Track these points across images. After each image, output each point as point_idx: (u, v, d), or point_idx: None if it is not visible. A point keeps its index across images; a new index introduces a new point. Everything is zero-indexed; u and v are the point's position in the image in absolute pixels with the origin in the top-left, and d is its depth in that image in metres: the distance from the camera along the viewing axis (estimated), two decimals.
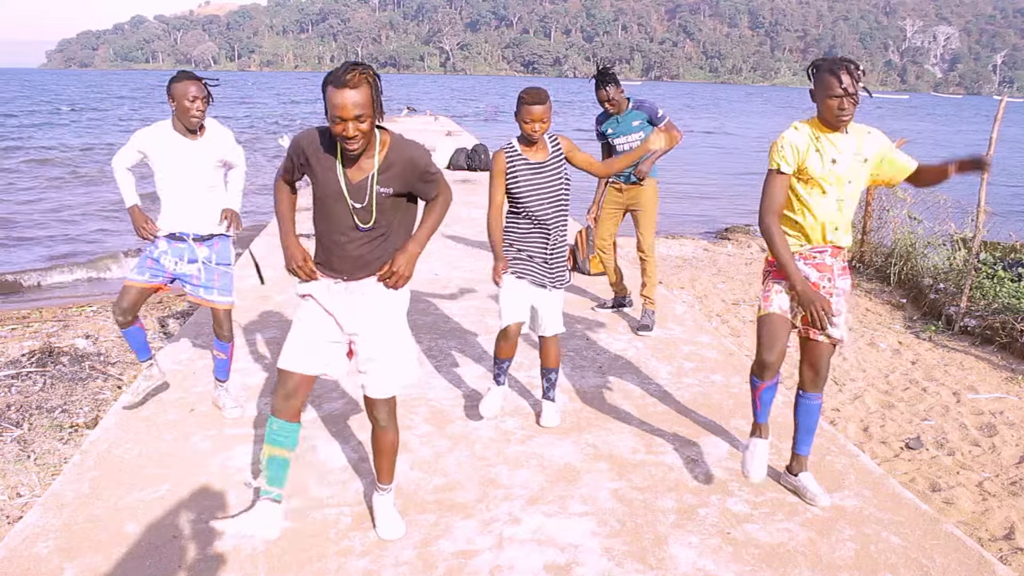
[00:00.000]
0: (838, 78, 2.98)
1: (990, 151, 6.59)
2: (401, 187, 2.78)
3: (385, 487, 3.16)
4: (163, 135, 3.80)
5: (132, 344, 4.11)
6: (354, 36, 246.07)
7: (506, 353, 3.97)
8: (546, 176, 3.78)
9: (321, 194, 2.77)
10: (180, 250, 3.94)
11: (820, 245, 3.24)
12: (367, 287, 2.87)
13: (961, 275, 7.22)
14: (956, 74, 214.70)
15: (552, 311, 3.93)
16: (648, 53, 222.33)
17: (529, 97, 3.61)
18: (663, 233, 12.15)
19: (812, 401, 3.40)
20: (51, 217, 13.63)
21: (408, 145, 2.80)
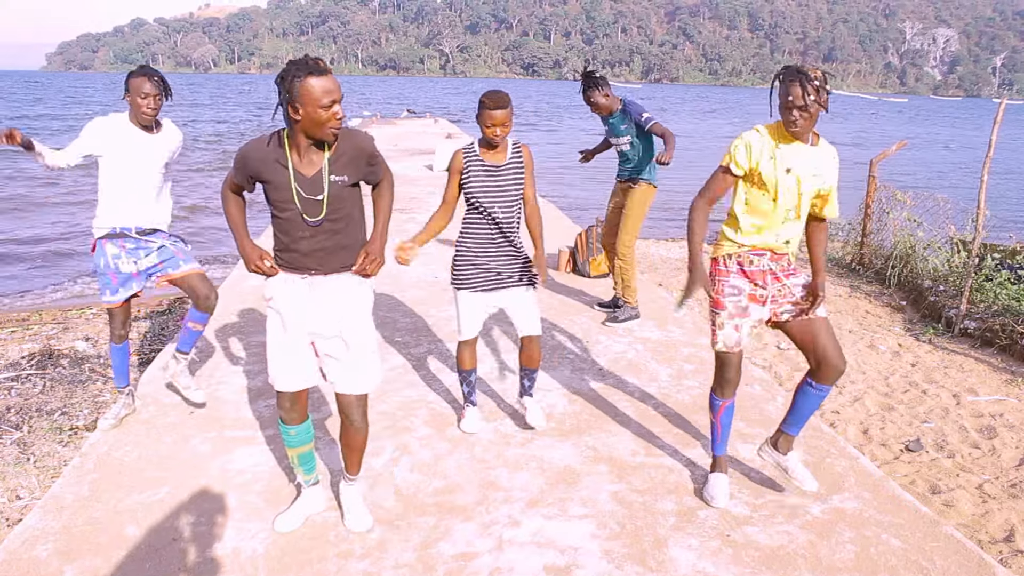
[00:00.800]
0: (787, 90, 2.97)
1: (990, 152, 6.60)
2: (354, 174, 2.85)
3: (353, 478, 3.22)
4: (120, 126, 3.77)
5: (116, 365, 4.10)
6: (354, 39, 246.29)
7: (469, 364, 4.05)
8: (501, 179, 3.77)
9: (275, 197, 2.81)
10: (132, 250, 3.90)
11: (760, 248, 3.23)
12: (331, 282, 2.91)
13: (961, 277, 7.22)
14: (955, 76, 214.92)
15: (527, 309, 3.90)
16: (648, 55, 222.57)
17: (490, 102, 3.61)
18: (663, 236, 12.16)
19: (820, 392, 3.30)
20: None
21: (353, 134, 2.87)
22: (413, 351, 5.29)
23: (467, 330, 3.95)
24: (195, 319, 4.10)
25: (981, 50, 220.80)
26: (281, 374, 2.97)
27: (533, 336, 3.95)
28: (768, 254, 3.24)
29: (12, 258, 10.78)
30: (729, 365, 3.36)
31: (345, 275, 2.94)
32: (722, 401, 3.42)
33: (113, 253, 3.88)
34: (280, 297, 2.92)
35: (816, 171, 3.11)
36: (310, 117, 2.63)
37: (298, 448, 3.10)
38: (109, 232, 3.86)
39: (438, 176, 14.61)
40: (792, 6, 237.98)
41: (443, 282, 7.08)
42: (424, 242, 3.72)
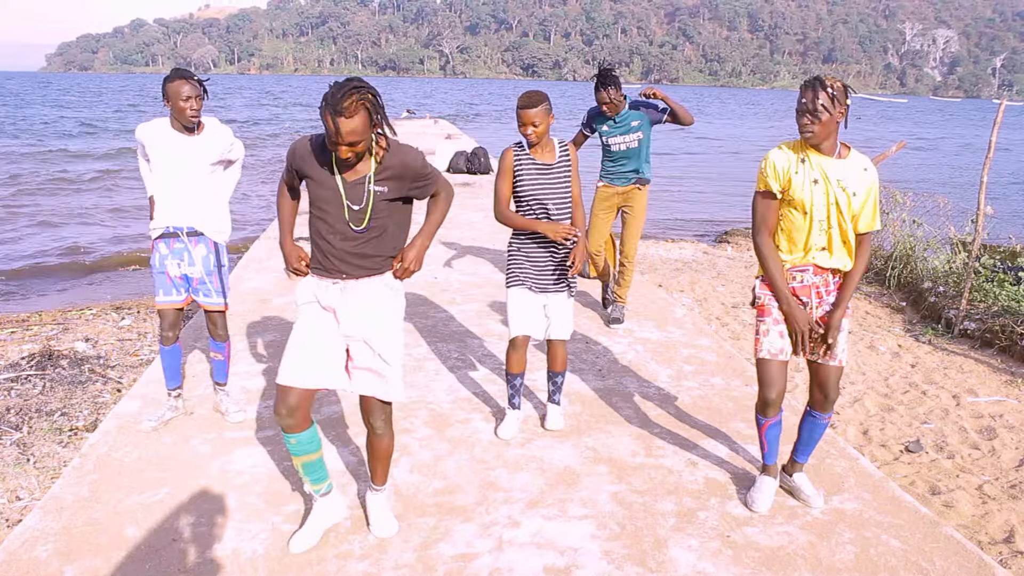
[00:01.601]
0: (801, 95, 3.02)
1: (989, 153, 6.60)
2: (396, 190, 2.83)
3: (379, 488, 3.19)
4: (162, 131, 3.81)
5: (167, 366, 4.07)
6: (354, 39, 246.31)
7: (517, 367, 3.97)
8: (553, 177, 3.81)
9: (316, 197, 2.82)
10: (179, 251, 3.93)
11: (801, 264, 3.23)
12: (363, 287, 2.90)
13: (961, 278, 7.22)
14: (955, 77, 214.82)
15: (562, 314, 3.95)
16: (647, 56, 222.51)
17: (521, 101, 3.66)
18: (663, 236, 12.17)
19: (818, 420, 3.40)
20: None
21: (403, 150, 2.84)
22: (413, 352, 5.29)
23: (517, 326, 3.88)
24: (214, 348, 4.14)
25: (981, 51, 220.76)
26: (290, 369, 2.86)
27: (563, 340, 4.01)
28: (811, 268, 3.23)
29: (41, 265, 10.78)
30: (772, 379, 3.27)
31: (376, 280, 2.91)
32: (765, 420, 3.39)
33: (163, 253, 3.92)
34: (313, 301, 2.92)
35: (844, 182, 3.10)
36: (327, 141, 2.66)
37: (303, 457, 2.96)
38: (163, 232, 3.90)
39: None
40: (792, 7, 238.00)
41: (442, 282, 7.09)
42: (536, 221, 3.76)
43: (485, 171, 14.70)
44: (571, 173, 3.87)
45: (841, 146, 3.14)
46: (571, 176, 3.87)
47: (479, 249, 8.51)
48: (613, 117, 5.60)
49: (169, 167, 3.82)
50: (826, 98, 2.96)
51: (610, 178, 5.83)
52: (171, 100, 3.71)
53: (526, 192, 3.80)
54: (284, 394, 2.85)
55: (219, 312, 4.08)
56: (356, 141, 2.59)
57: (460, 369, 5.00)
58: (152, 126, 3.84)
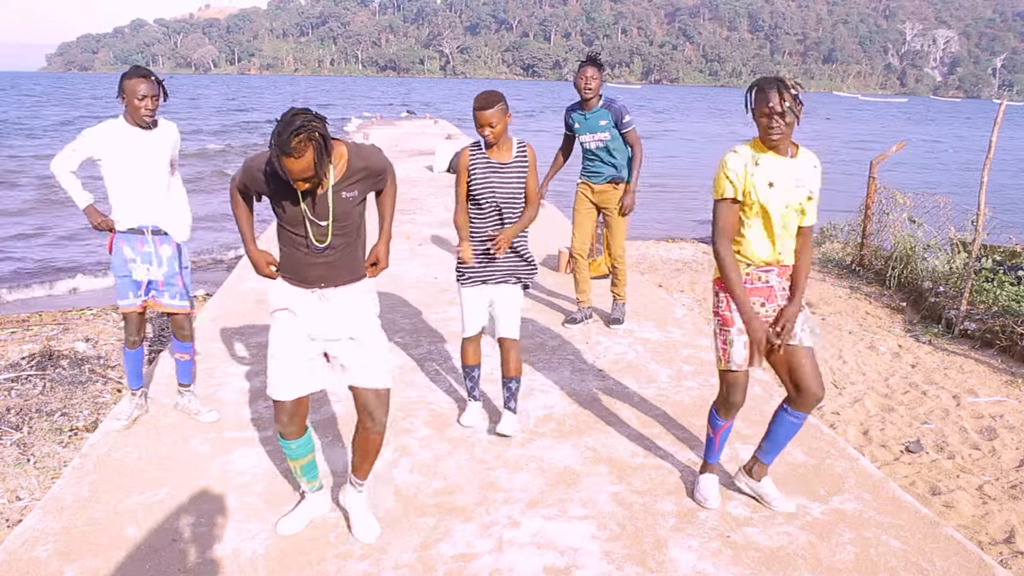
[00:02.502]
0: (767, 97, 2.95)
1: (990, 154, 6.60)
2: (363, 190, 2.87)
3: (361, 484, 3.17)
4: (116, 130, 3.77)
5: (130, 368, 4.09)
6: (354, 39, 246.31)
7: (472, 359, 4.09)
8: (507, 176, 3.83)
9: (282, 214, 2.81)
10: (146, 254, 3.89)
11: (765, 265, 3.20)
12: (341, 294, 2.93)
13: (961, 278, 7.22)
14: (955, 77, 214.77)
15: (509, 309, 3.93)
16: (648, 56, 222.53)
17: (476, 103, 3.67)
18: (663, 236, 12.16)
19: (795, 419, 3.28)
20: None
21: (363, 152, 2.87)
22: (413, 352, 5.29)
23: (469, 326, 4.01)
24: (178, 349, 4.13)
25: (981, 51, 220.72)
26: (279, 384, 2.95)
27: (510, 339, 3.96)
28: (775, 268, 3.21)
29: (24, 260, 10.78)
30: (737, 386, 3.27)
31: (354, 285, 2.96)
32: (723, 422, 3.38)
33: (129, 257, 3.89)
34: (289, 308, 2.93)
35: (799, 182, 3.09)
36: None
37: (300, 460, 3.09)
38: (127, 230, 3.87)
39: (438, 177, 14.61)
40: (792, 7, 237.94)
41: (442, 283, 7.08)
42: (466, 236, 3.89)
43: None
44: (527, 172, 3.87)
45: (792, 146, 3.12)
46: (526, 175, 3.87)
47: None
48: (584, 112, 5.57)
49: (128, 165, 3.78)
50: (790, 98, 2.94)
51: (586, 175, 5.79)
52: (127, 97, 3.69)
53: (478, 190, 3.83)
54: (280, 407, 2.98)
55: (186, 314, 4.07)
56: (309, 176, 2.59)
57: (460, 370, 5.00)
58: (103, 129, 3.77)
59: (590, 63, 5.51)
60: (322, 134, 2.56)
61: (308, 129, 2.50)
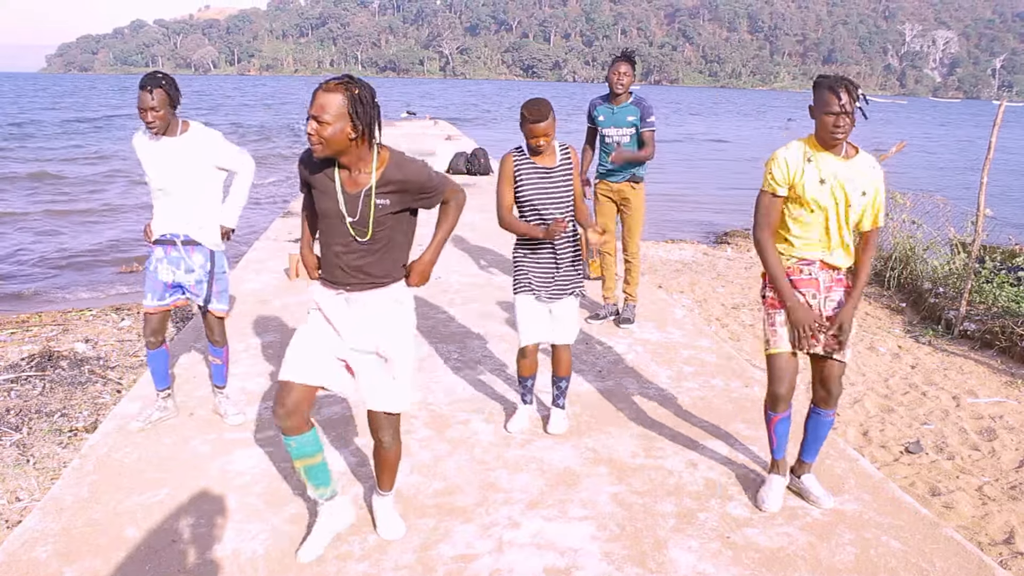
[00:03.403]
0: (836, 95, 2.98)
1: (989, 154, 6.60)
2: (399, 203, 2.81)
3: (385, 493, 3.17)
4: (142, 138, 3.81)
5: (154, 369, 4.06)
6: (354, 40, 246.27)
7: (528, 371, 4.04)
8: (554, 181, 3.80)
9: (319, 207, 2.81)
10: (175, 259, 3.89)
11: (808, 259, 3.25)
12: (368, 299, 2.87)
13: (961, 279, 7.22)
14: (955, 78, 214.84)
15: (568, 320, 3.94)
16: (647, 57, 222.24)
17: (531, 115, 3.58)
18: (663, 237, 12.16)
19: (822, 417, 3.41)
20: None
21: (405, 164, 2.81)
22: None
23: (526, 335, 3.92)
24: (211, 353, 4.13)
25: (981, 52, 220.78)
26: (292, 366, 2.83)
27: (568, 345, 4.00)
28: (817, 263, 3.26)
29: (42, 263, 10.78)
30: (782, 374, 3.27)
31: (381, 292, 2.89)
32: (775, 414, 3.38)
33: (157, 257, 3.90)
34: (320, 307, 2.93)
35: (852, 181, 3.12)
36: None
37: (303, 460, 2.89)
38: (159, 238, 3.89)
39: None
40: (792, 8, 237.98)
41: (443, 283, 7.09)
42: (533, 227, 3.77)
43: (485, 172, 14.70)
44: (572, 175, 3.86)
45: (848, 146, 3.15)
46: (572, 179, 3.86)
47: (479, 250, 8.51)
48: (612, 106, 5.60)
49: (150, 173, 3.79)
50: (854, 98, 2.98)
51: (605, 174, 5.82)
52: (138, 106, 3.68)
53: (526, 197, 3.78)
54: (283, 392, 2.80)
55: (217, 318, 4.06)
56: (323, 118, 2.56)
57: (460, 370, 5.00)
58: (135, 137, 3.85)
59: (624, 59, 5.53)
60: (360, 94, 2.60)
61: (351, 82, 2.60)
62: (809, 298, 3.28)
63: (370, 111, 2.64)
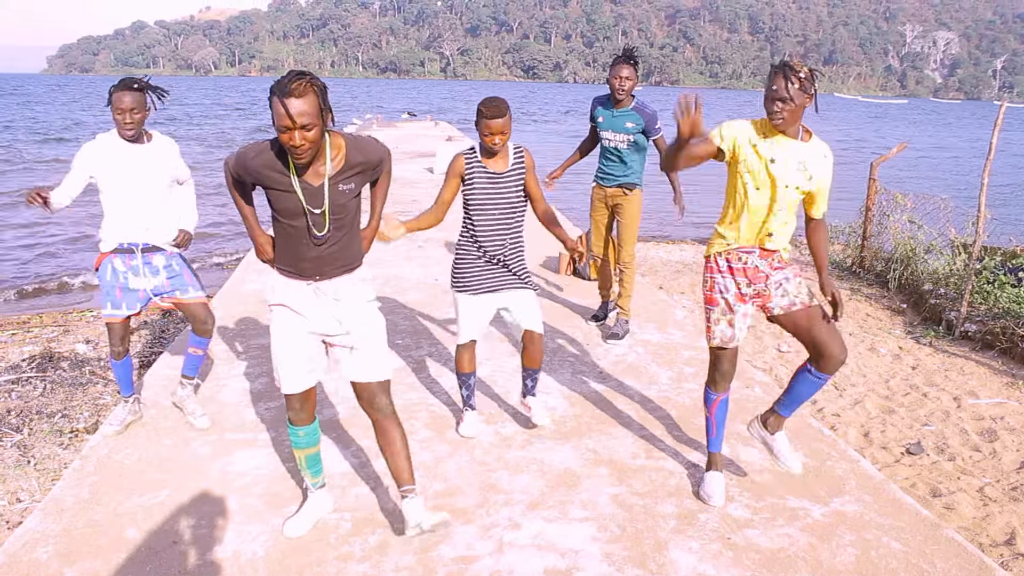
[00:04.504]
0: (772, 82, 3.03)
1: (990, 155, 6.60)
2: (360, 183, 2.86)
3: (411, 489, 3.04)
4: (108, 145, 3.70)
5: (120, 377, 4.04)
6: (354, 41, 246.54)
7: (468, 367, 4.02)
8: (503, 187, 3.75)
9: (279, 206, 2.78)
10: (136, 267, 3.83)
11: (748, 245, 3.27)
12: (337, 286, 2.92)
13: (961, 280, 7.22)
14: (956, 79, 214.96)
15: (528, 306, 3.87)
16: (648, 58, 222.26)
17: (488, 111, 3.56)
18: (663, 238, 12.16)
19: (818, 379, 3.31)
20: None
21: (361, 143, 2.84)
22: (413, 354, 5.29)
23: (466, 333, 3.94)
24: (194, 343, 4.08)
25: (981, 53, 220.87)
26: (288, 377, 2.97)
27: (535, 332, 3.91)
28: (757, 251, 3.27)
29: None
30: (723, 359, 3.41)
31: (348, 276, 2.95)
32: (716, 395, 3.47)
33: (121, 269, 3.82)
34: (286, 301, 2.93)
35: (803, 166, 3.14)
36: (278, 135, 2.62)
37: (306, 449, 3.10)
38: (116, 248, 3.80)
39: (438, 179, 14.62)
40: (792, 9, 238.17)
41: (443, 284, 7.08)
42: (411, 230, 3.68)
43: None
44: (524, 180, 3.80)
45: (803, 130, 3.18)
46: (523, 183, 3.80)
47: None
48: (613, 109, 5.45)
49: (119, 179, 3.70)
50: (797, 81, 2.98)
51: (600, 178, 5.69)
52: (112, 109, 3.62)
53: (475, 201, 3.74)
54: (290, 400, 3.02)
55: (202, 304, 4.00)
56: (308, 124, 2.53)
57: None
58: (96, 144, 3.71)
59: (625, 61, 5.29)
60: (323, 88, 2.59)
61: (311, 77, 2.56)
62: (744, 287, 3.30)
63: (326, 95, 2.63)
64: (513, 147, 3.79)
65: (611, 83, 5.37)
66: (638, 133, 5.40)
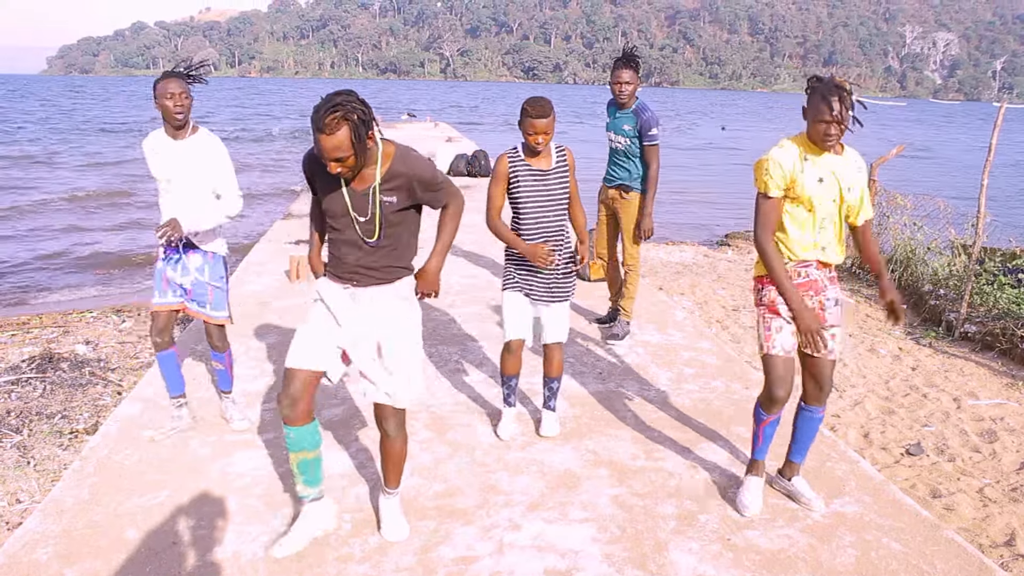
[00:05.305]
0: (829, 105, 2.96)
1: (989, 156, 6.61)
2: (406, 199, 2.80)
3: (392, 491, 3.18)
4: (155, 138, 3.82)
5: (165, 372, 3.98)
6: (354, 42, 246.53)
7: (512, 369, 3.99)
8: (549, 184, 3.77)
9: (327, 207, 2.81)
10: (174, 260, 3.87)
11: (805, 260, 3.25)
12: (374, 295, 2.89)
13: (961, 281, 7.22)
14: (956, 80, 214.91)
15: (558, 320, 3.92)
16: (648, 59, 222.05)
17: (533, 110, 3.56)
18: (664, 239, 12.16)
19: (814, 414, 3.39)
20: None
21: (411, 158, 2.79)
22: None
23: (512, 330, 3.89)
24: (214, 359, 4.10)
25: (981, 54, 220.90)
26: (298, 353, 2.87)
27: (559, 344, 3.98)
28: (814, 264, 3.26)
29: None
30: (781, 379, 3.24)
31: (387, 288, 2.90)
32: (767, 416, 3.36)
33: (162, 256, 3.89)
34: (326, 299, 2.93)
35: (845, 179, 3.14)
36: None
37: (299, 453, 2.92)
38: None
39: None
40: (792, 10, 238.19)
41: (445, 285, 7.08)
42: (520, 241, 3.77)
43: (485, 174, 14.71)
44: (568, 178, 3.83)
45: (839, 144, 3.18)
46: (567, 182, 3.83)
47: (479, 252, 8.51)
48: (617, 110, 5.42)
49: (160, 174, 3.78)
50: (850, 105, 2.98)
51: (604, 179, 5.70)
52: (159, 99, 3.66)
53: (521, 199, 3.76)
54: (288, 380, 2.86)
55: (216, 325, 4.01)
56: (341, 157, 2.55)
57: (460, 372, 5.00)
58: (148, 140, 3.84)
59: (625, 64, 5.24)
60: (361, 117, 2.55)
61: (346, 108, 2.51)
62: (806, 299, 3.28)
63: (368, 117, 2.60)
64: (555, 146, 3.82)
65: (612, 88, 5.37)
66: (634, 137, 5.36)
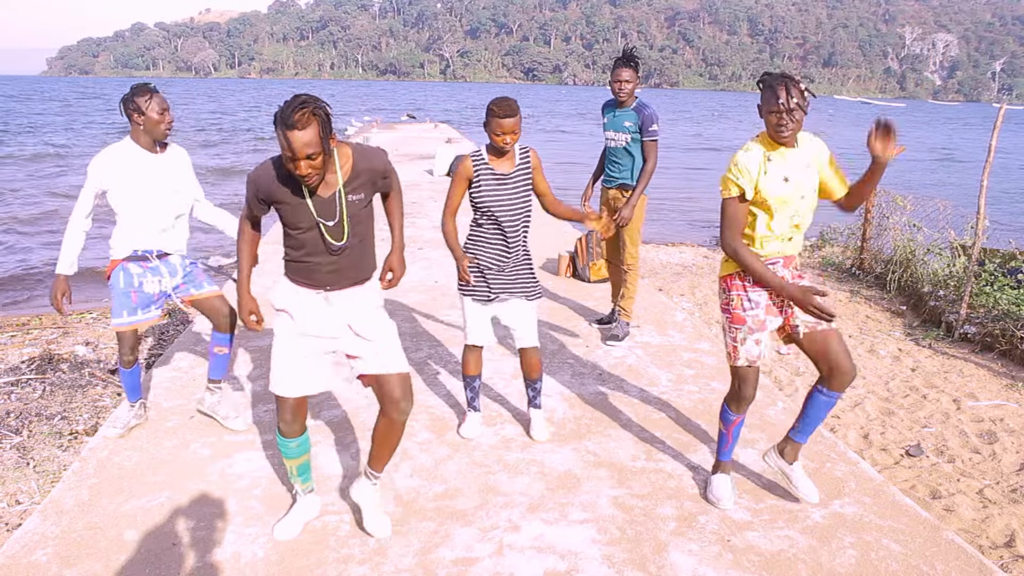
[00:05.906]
0: (776, 94, 2.96)
1: (989, 157, 6.61)
2: (369, 193, 2.89)
3: (376, 477, 3.16)
4: (125, 154, 3.67)
5: (127, 384, 4.03)
6: (354, 43, 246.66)
7: (474, 369, 4.00)
8: (510, 187, 3.74)
9: (290, 221, 2.79)
10: (155, 268, 3.85)
11: (771, 258, 3.23)
12: (348, 295, 2.95)
13: (961, 282, 7.22)
14: (955, 81, 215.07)
15: (526, 324, 3.89)
16: (648, 60, 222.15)
17: (499, 110, 3.54)
18: (664, 240, 12.17)
19: (830, 398, 3.27)
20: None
21: (368, 153, 2.89)
22: (413, 356, 5.29)
23: (474, 335, 3.92)
24: (219, 342, 4.06)
25: (980, 55, 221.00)
26: (283, 380, 2.95)
27: (531, 347, 3.95)
28: (780, 261, 3.25)
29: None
30: (748, 381, 3.31)
31: (360, 288, 2.98)
32: (736, 416, 3.40)
33: (137, 273, 3.81)
34: (293, 307, 2.93)
35: (806, 164, 3.13)
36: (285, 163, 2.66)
37: (298, 459, 3.10)
38: (130, 255, 3.79)
39: (438, 181, 14.62)
40: (792, 11, 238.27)
41: (443, 286, 7.09)
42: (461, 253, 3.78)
43: None
44: (531, 180, 3.79)
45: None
46: (530, 184, 3.79)
47: None
48: (616, 109, 5.42)
49: (139, 188, 3.68)
50: (798, 94, 2.95)
51: (604, 180, 5.67)
52: (146, 114, 3.61)
53: (482, 201, 3.74)
54: (283, 404, 2.99)
55: (218, 295, 4.01)
56: (312, 154, 2.56)
57: (460, 373, 4.99)
58: (109, 156, 3.65)
59: (625, 64, 5.24)
60: (326, 113, 2.60)
61: (313, 105, 2.56)
62: (775, 296, 3.24)
63: (330, 117, 2.64)
64: (519, 148, 3.78)
65: (612, 87, 5.37)
66: (636, 133, 5.36)
